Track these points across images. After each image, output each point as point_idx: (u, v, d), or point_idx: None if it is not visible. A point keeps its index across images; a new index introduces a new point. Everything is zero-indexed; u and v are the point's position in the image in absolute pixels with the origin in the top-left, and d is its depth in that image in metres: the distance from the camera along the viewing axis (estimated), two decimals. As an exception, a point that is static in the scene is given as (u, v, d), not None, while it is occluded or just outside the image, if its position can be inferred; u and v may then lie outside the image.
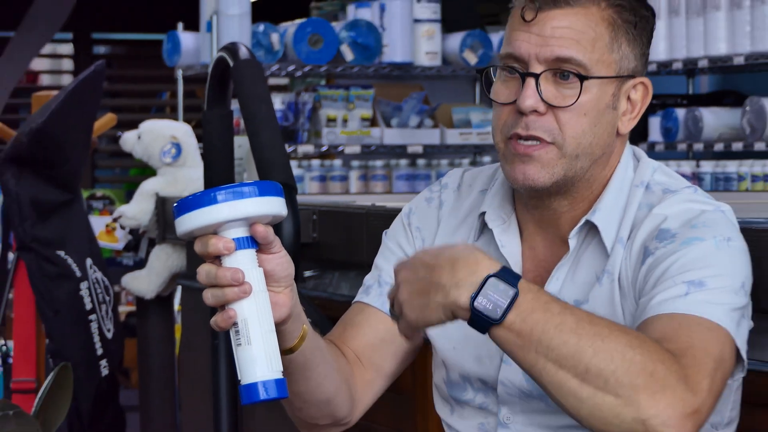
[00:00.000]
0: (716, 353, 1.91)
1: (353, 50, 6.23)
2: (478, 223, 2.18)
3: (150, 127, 4.63)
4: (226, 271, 1.87)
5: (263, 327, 1.89)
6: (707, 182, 6.03)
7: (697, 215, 2.03)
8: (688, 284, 1.94)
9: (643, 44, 2.09)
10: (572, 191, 2.09)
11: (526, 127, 2.04)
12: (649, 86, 2.10)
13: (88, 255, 4.34)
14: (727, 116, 6.09)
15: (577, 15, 2.04)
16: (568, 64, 2.03)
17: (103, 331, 4.29)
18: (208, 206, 1.85)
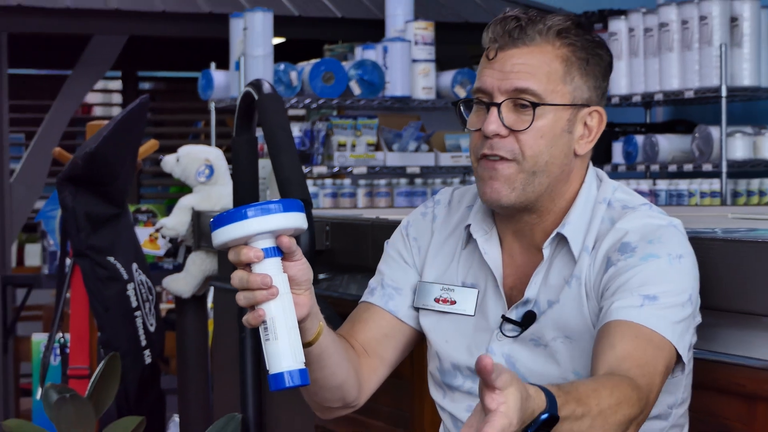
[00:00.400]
0: (662, 369, 1.95)
1: (360, 86, 6.23)
2: (465, 234, 2.18)
3: (187, 151, 4.63)
4: (256, 277, 1.87)
5: (288, 324, 1.90)
6: (662, 198, 6.02)
7: (654, 230, 2.04)
8: (643, 297, 1.97)
9: (597, 78, 2.11)
10: (538, 206, 2.10)
11: (491, 147, 2.07)
12: (604, 114, 2.12)
13: (134, 260, 4.33)
14: (679, 142, 6.09)
15: (532, 53, 2.06)
16: (525, 94, 2.05)
17: (146, 325, 4.28)
18: (240, 221, 1.87)
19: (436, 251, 2.21)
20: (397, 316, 2.22)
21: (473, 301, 2.15)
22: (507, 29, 2.07)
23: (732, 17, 5.72)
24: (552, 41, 2.07)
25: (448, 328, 2.17)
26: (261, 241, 1.89)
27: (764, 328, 2.16)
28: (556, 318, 2.06)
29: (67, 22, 6.52)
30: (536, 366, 2.08)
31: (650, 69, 6.01)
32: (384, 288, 2.24)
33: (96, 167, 4.17)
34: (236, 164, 3.41)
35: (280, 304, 1.90)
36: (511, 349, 2.10)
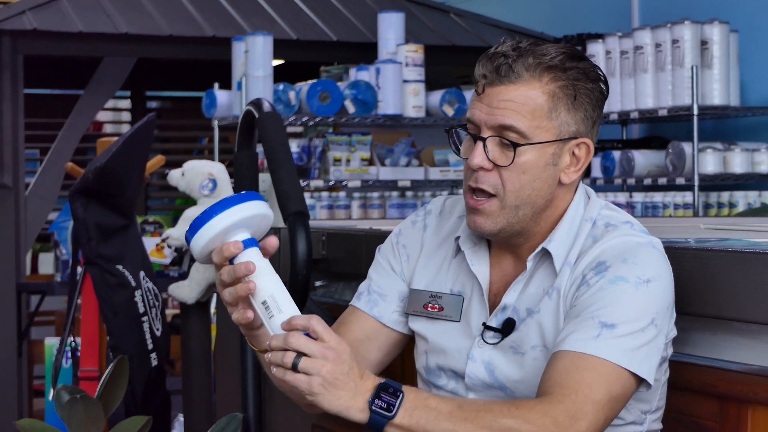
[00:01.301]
0: (598, 397, 1.91)
1: (354, 104, 6.22)
2: (455, 245, 2.17)
3: (192, 166, 4.62)
4: (240, 266, 1.89)
5: (287, 297, 1.90)
6: (638, 210, 6.01)
7: (631, 248, 2.01)
8: (601, 325, 1.93)
9: (585, 110, 2.03)
10: (523, 232, 2.08)
11: (476, 180, 2.04)
12: (591, 146, 2.06)
13: (141, 268, 4.32)
14: (654, 157, 6.09)
15: (519, 89, 2.00)
16: (509, 131, 2.01)
17: (153, 330, 4.27)
18: (209, 221, 1.87)
19: (426, 260, 2.19)
20: (380, 321, 2.21)
21: (459, 308, 2.13)
22: (495, 65, 2.00)
23: (702, 41, 5.73)
24: (539, 77, 2.00)
25: (435, 332, 2.15)
26: (235, 235, 1.89)
27: (734, 332, 2.15)
28: (535, 328, 2.03)
29: (79, 45, 6.51)
30: (514, 374, 2.05)
31: (626, 89, 6.01)
32: (370, 294, 2.23)
33: (106, 181, 4.16)
34: (238, 178, 3.40)
35: (274, 279, 1.90)
36: (491, 356, 2.07)
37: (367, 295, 2.23)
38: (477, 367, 2.07)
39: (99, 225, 4.20)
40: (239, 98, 6.14)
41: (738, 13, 6.03)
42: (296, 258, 2.97)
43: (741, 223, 3.42)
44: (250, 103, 3.27)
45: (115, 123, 10.39)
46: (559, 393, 1.88)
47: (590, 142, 2.06)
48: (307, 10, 7.02)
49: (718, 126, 6.30)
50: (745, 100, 6.01)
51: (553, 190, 2.06)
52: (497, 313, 2.08)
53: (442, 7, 7.33)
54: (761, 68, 6.00)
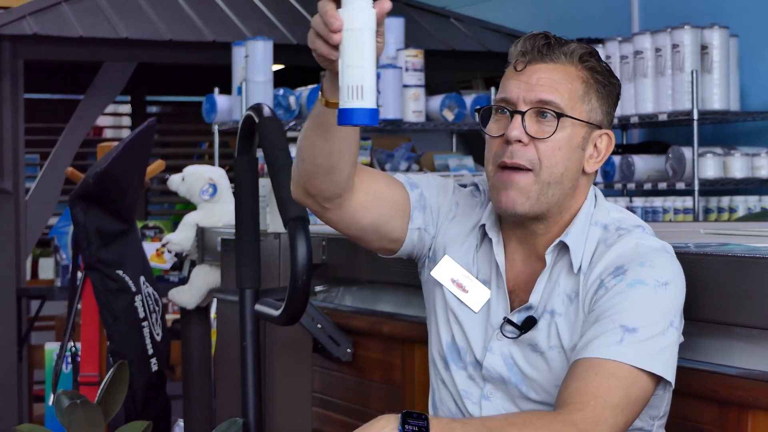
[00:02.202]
0: (617, 401, 1.93)
1: (354, 109, 6.21)
2: (480, 233, 2.18)
3: (192, 171, 4.61)
4: (331, 16, 1.77)
5: (374, 61, 1.75)
6: (639, 214, 6.00)
7: (647, 252, 2.04)
8: (623, 329, 1.95)
9: (609, 104, 2.13)
10: (546, 216, 2.10)
11: (511, 155, 2.06)
12: (613, 138, 2.14)
13: (141, 273, 4.31)
14: (654, 162, 6.09)
15: (557, 70, 2.08)
16: (548, 105, 2.06)
17: (153, 335, 4.27)
18: None
19: (463, 237, 2.20)
20: (410, 222, 2.18)
21: (483, 300, 2.13)
22: (536, 45, 2.09)
23: (702, 45, 5.73)
24: (575, 63, 2.10)
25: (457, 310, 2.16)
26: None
27: (735, 337, 2.15)
28: (554, 329, 2.05)
29: (79, 50, 6.52)
30: (531, 370, 2.08)
31: (626, 93, 6.01)
32: (411, 186, 2.20)
33: (106, 186, 4.16)
34: (238, 183, 3.40)
35: (369, 37, 1.74)
36: (510, 349, 2.09)
37: (407, 180, 2.21)
38: (496, 360, 2.10)
39: (99, 230, 4.20)
40: (239, 103, 6.14)
41: (738, 17, 6.04)
42: (296, 263, 2.96)
43: (741, 228, 3.42)
44: (250, 108, 3.27)
45: (116, 128, 10.39)
46: (578, 401, 1.90)
47: (612, 135, 2.15)
48: (308, 15, 7.02)
49: (718, 131, 6.30)
50: (745, 105, 6.01)
51: (578, 176, 2.11)
52: (521, 310, 2.10)
53: (442, 12, 7.33)
54: (761, 73, 6.00)
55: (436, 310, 2.20)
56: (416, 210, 2.18)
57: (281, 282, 3.48)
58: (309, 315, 3.24)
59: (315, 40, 1.81)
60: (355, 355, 3.28)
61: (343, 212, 2.11)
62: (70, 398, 2.24)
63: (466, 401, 2.14)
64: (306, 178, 2.06)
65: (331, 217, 2.12)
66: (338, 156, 2.01)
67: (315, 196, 2.09)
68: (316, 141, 1.99)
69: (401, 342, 3.00)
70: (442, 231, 2.20)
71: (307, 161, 2.03)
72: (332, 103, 1.92)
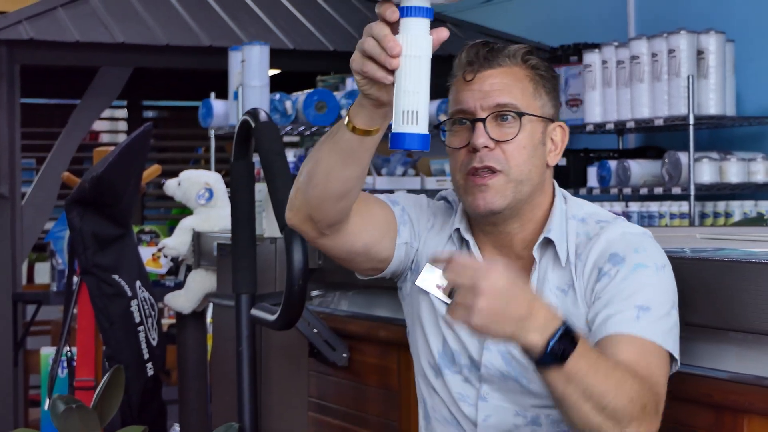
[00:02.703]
0: (664, 379, 1.99)
1: (351, 114, 6.22)
2: (457, 237, 2.20)
3: (188, 176, 4.62)
4: (391, 41, 1.77)
5: (428, 88, 1.77)
6: (635, 219, 6.01)
7: (637, 239, 2.10)
8: (638, 309, 1.99)
9: (555, 97, 2.18)
10: (521, 214, 2.14)
11: (480, 160, 2.09)
12: (566, 128, 2.20)
13: (137, 278, 4.31)
14: (650, 166, 6.09)
15: (505, 73, 2.13)
16: (506, 107, 2.11)
17: (149, 340, 4.27)
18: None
19: (443, 245, 2.24)
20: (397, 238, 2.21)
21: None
22: (481, 53, 2.14)
23: (698, 50, 5.74)
24: (519, 63, 2.14)
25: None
26: (415, 0, 1.75)
27: (730, 341, 2.15)
28: None
29: (75, 54, 6.52)
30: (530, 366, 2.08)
31: (622, 98, 6.01)
32: (393, 203, 2.24)
33: (102, 190, 4.16)
34: (234, 188, 3.40)
35: (426, 64, 1.75)
36: (507, 345, 2.10)
37: (389, 201, 2.24)
38: (494, 357, 2.11)
39: (95, 234, 4.20)
40: (236, 108, 6.14)
41: (734, 22, 6.04)
42: (292, 267, 2.97)
43: (737, 233, 3.42)
44: (246, 113, 3.27)
45: (112, 132, 10.38)
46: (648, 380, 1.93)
47: (565, 126, 2.20)
48: (304, 20, 7.03)
49: (714, 135, 6.30)
50: (741, 110, 6.02)
51: (544, 170, 2.15)
52: None
53: (438, 17, 7.34)
54: (757, 78, 6.01)
55: (423, 321, 2.21)
56: (401, 225, 2.21)
57: (277, 287, 3.48)
58: (305, 320, 3.24)
59: (366, 63, 1.80)
60: (352, 359, 3.28)
61: (339, 237, 2.13)
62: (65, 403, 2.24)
63: (462, 404, 2.15)
64: (314, 203, 2.05)
65: (326, 242, 2.13)
66: (353, 182, 2.02)
67: (318, 222, 2.09)
68: (334, 167, 1.98)
69: (397, 346, 3.00)
70: (423, 242, 2.23)
71: (319, 187, 2.02)
72: (360, 130, 1.93)
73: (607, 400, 1.83)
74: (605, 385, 1.83)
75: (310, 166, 2.03)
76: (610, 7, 6.93)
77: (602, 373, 1.84)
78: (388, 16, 1.78)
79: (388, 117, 1.91)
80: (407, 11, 1.76)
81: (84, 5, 6.72)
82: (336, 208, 2.05)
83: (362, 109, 1.91)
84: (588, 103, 6.19)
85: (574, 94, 6.49)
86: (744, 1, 6.10)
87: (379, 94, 1.86)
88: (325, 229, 2.10)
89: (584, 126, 6.24)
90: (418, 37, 1.76)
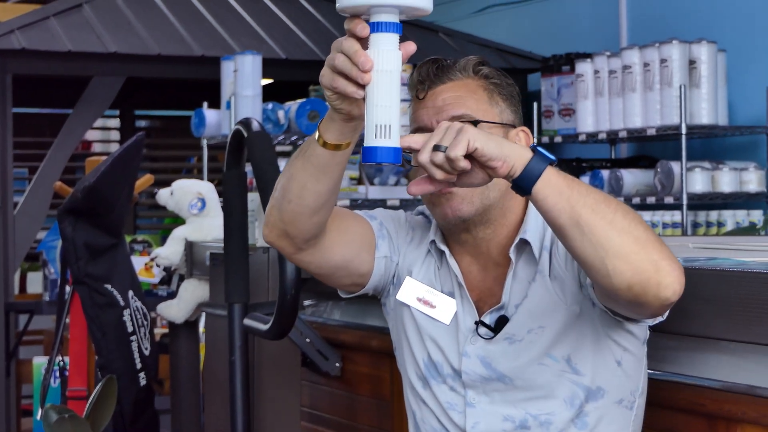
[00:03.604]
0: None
1: (343, 123, 6.22)
2: (434, 249, 2.21)
3: (180, 185, 4.62)
4: (361, 56, 1.77)
5: (399, 101, 1.78)
6: (627, 229, 6.01)
7: None
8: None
9: (514, 103, 2.19)
10: (492, 219, 2.15)
11: None
12: (529, 133, 2.21)
13: (130, 288, 4.31)
14: (643, 176, 6.10)
15: (457, 86, 2.15)
16: (461, 119, 2.11)
17: (141, 349, 4.26)
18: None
19: (422, 258, 2.25)
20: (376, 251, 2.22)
21: (451, 311, 2.17)
22: (431, 70, 2.16)
23: (690, 60, 5.75)
24: (471, 75, 2.16)
25: (427, 327, 2.19)
26: (382, 15, 1.77)
27: (722, 350, 2.15)
28: (527, 313, 2.10)
29: (68, 64, 6.52)
30: (511, 361, 2.11)
31: (615, 108, 6.02)
32: (371, 217, 2.26)
33: (94, 200, 4.16)
34: (227, 197, 3.40)
35: (397, 79, 1.77)
36: (485, 350, 2.13)
37: (367, 216, 2.26)
38: (473, 363, 2.12)
39: (87, 244, 4.19)
40: (228, 117, 6.14)
41: (726, 32, 6.06)
42: (285, 277, 2.96)
43: (729, 243, 3.42)
44: (239, 123, 3.28)
45: (104, 142, 10.38)
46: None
47: (527, 131, 2.20)
48: (296, 30, 7.03)
49: (706, 145, 6.31)
50: (733, 120, 6.03)
51: None
52: (492, 311, 2.14)
53: (431, 27, 7.35)
54: (749, 88, 6.02)
55: (408, 334, 2.22)
56: (380, 239, 2.23)
57: (270, 296, 3.48)
58: (297, 329, 3.24)
59: (337, 78, 1.81)
60: (344, 369, 3.28)
61: (316, 252, 2.13)
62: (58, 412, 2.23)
63: (451, 412, 2.16)
64: (289, 219, 2.06)
65: (304, 257, 2.14)
66: (327, 196, 2.03)
67: (294, 237, 2.09)
68: (308, 182, 1.99)
69: (390, 356, 3.00)
70: (403, 255, 2.24)
71: (294, 202, 2.03)
72: (331, 145, 1.93)
73: (611, 214, 1.81)
74: (605, 200, 1.82)
75: (283, 182, 2.04)
76: (603, 17, 6.95)
77: (595, 190, 1.84)
78: (358, 31, 1.78)
79: (358, 130, 1.92)
80: (377, 26, 1.77)
81: (76, 15, 6.72)
82: (311, 222, 2.06)
83: (332, 123, 1.93)
84: (580, 112, 6.20)
85: (567, 103, 6.50)
86: (735, 11, 6.11)
87: (349, 109, 1.87)
88: (301, 244, 2.10)
89: (577, 135, 6.25)
90: (388, 52, 1.78)
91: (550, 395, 2.09)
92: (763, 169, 5.82)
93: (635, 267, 1.80)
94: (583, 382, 2.08)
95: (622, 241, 1.80)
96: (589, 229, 1.80)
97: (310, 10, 7.35)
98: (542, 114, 6.61)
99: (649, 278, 1.80)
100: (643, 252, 1.81)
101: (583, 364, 2.07)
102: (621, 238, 1.80)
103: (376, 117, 1.77)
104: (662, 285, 1.81)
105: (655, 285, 1.81)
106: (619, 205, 1.84)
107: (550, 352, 2.09)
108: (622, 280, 1.81)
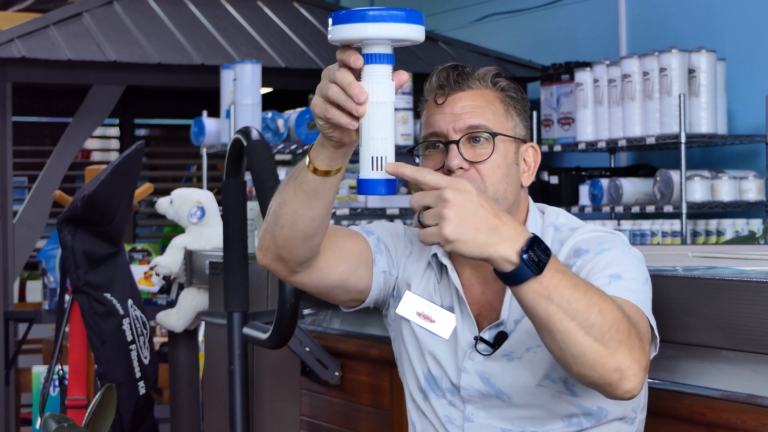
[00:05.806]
0: (646, 327, 1.96)
1: (343, 132, 6.22)
2: (436, 263, 2.21)
3: (180, 194, 4.62)
4: (356, 88, 1.77)
5: (394, 132, 1.78)
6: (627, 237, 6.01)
7: (603, 236, 2.13)
8: (609, 277, 2.01)
9: (526, 118, 2.20)
10: None
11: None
12: (537, 149, 2.22)
13: (129, 296, 4.31)
14: (642, 185, 6.11)
15: (476, 95, 2.15)
16: (479, 129, 2.12)
17: (141, 358, 4.26)
18: (356, 23, 1.74)
19: (422, 272, 2.24)
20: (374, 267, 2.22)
21: (451, 326, 2.16)
22: (451, 76, 2.16)
23: (690, 69, 5.76)
24: (489, 86, 2.16)
25: (426, 342, 2.18)
26: (376, 47, 1.77)
27: (722, 360, 2.15)
28: (526, 331, 2.09)
29: (67, 73, 6.52)
30: (510, 379, 2.11)
31: (614, 117, 6.03)
32: (368, 233, 2.26)
33: (94, 209, 4.16)
34: (226, 206, 3.40)
35: (391, 110, 1.77)
36: (484, 366, 2.12)
37: (364, 231, 2.25)
38: (472, 378, 2.12)
39: (87, 253, 4.19)
40: (228, 126, 6.15)
41: (725, 41, 6.07)
42: (285, 286, 2.96)
43: (729, 251, 3.42)
44: (238, 131, 3.28)
45: (104, 151, 10.38)
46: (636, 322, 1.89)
47: (536, 146, 2.21)
48: (296, 39, 7.04)
49: (705, 154, 6.32)
50: (732, 128, 6.03)
51: (518, 190, 2.17)
52: (491, 327, 2.13)
53: (431, 36, 7.36)
54: (748, 96, 6.03)
55: (407, 348, 2.22)
56: (377, 254, 2.22)
57: (269, 305, 3.48)
58: (297, 338, 3.24)
59: (330, 109, 1.80)
60: (344, 378, 3.28)
61: (312, 273, 2.14)
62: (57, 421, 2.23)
63: (449, 426, 2.16)
64: (282, 244, 2.06)
65: (300, 279, 2.14)
66: (319, 221, 2.03)
67: (289, 261, 2.10)
68: (299, 208, 1.99)
69: (390, 365, 3.00)
70: (402, 269, 2.24)
71: (287, 228, 2.03)
72: (321, 171, 1.94)
73: (592, 318, 1.78)
74: (587, 301, 1.79)
75: (275, 208, 2.04)
76: (602, 26, 6.95)
77: (581, 288, 1.80)
78: (352, 63, 1.78)
79: (348, 156, 1.93)
80: (371, 58, 1.78)
81: (76, 24, 6.72)
82: (304, 247, 2.07)
83: (323, 149, 1.92)
84: (580, 121, 6.20)
85: (566, 112, 6.51)
86: (735, 20, 6.12)
87: (341, 137, 1.87)
88: (296, 267, 2.11)
89: (576, 144, 6.25)
90: (382, 83, 1.78)
91: (549, 415, 2.08)
92: (763, 178, 5.82)
93: (600, 375, 1.82)
94: (582, 404, 2.07)
95: (593, 351, 1.80)
96: (561, 336, 1.80)
97: (310, 19, 7.36)
98: (542, 123, 6.62)
99: (611, 384, 1.83)
100: (611, 360, 1.81)
101: (581, 387, 2.05)
102: (593, 347, 1.80)
103: (372, 149, 1.77)
104: (622, 390, 1.84)
105: (616, 389, 1.84)
106: (601, 301, 1.81)
107: (548, 374, 2.07)
108: (585, 381, 1.85)
